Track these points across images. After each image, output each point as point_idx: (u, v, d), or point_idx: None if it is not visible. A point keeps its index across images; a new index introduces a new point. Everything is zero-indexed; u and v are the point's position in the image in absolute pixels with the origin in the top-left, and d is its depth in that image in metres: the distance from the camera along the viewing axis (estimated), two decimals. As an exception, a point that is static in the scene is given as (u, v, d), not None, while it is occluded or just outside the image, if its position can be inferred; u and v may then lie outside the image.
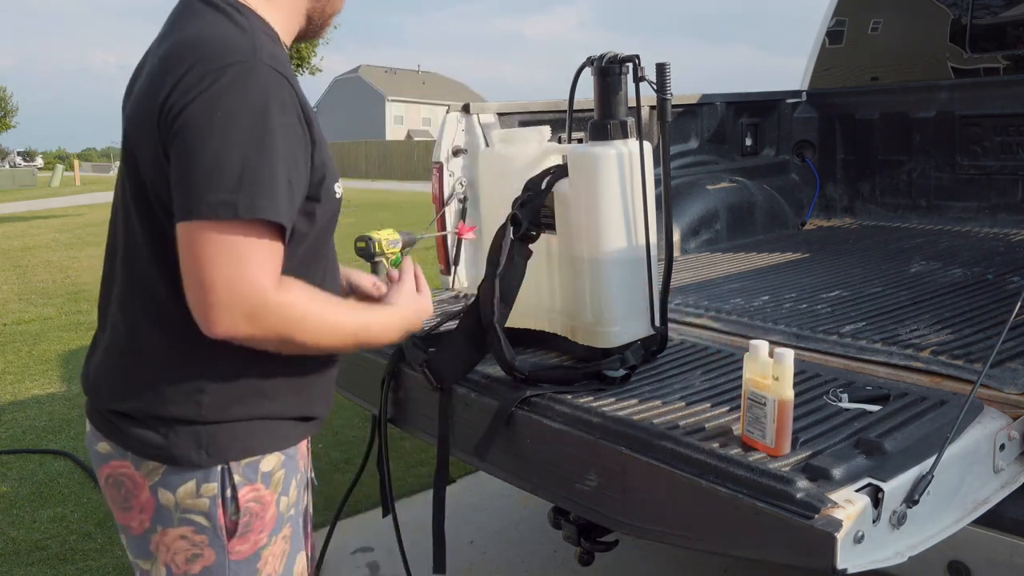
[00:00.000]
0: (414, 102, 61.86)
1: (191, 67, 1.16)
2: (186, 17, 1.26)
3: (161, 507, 1.27)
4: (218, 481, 1.26)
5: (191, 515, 1.27)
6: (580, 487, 1.54)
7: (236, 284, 1.12)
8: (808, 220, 3.94)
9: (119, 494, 1.30)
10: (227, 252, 1.12)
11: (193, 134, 1.13)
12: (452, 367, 1.80)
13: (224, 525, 1.27)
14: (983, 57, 3.64)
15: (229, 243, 1.12)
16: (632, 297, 1.86)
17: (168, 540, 1.28)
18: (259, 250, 1.14)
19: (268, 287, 1.14)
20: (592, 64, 1.88)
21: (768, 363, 1.33)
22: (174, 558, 1.29)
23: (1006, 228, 3.43)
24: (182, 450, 1.24)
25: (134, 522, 1.30)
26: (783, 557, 1.23)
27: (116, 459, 1.29)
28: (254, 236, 1.13)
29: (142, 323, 1.27)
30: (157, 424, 1.25)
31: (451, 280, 2.81)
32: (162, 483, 1.26)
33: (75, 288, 8.51)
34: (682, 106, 3.58)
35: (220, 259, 1.11)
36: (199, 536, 1.27)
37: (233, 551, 1.29)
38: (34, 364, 5.67)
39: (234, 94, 1.14)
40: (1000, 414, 1.53)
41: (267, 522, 1.32)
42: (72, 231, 14.12)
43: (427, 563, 1.89)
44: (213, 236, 1.11)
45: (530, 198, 1.80)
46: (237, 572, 1.30)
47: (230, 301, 1.12)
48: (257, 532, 1.31)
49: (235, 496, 1.27)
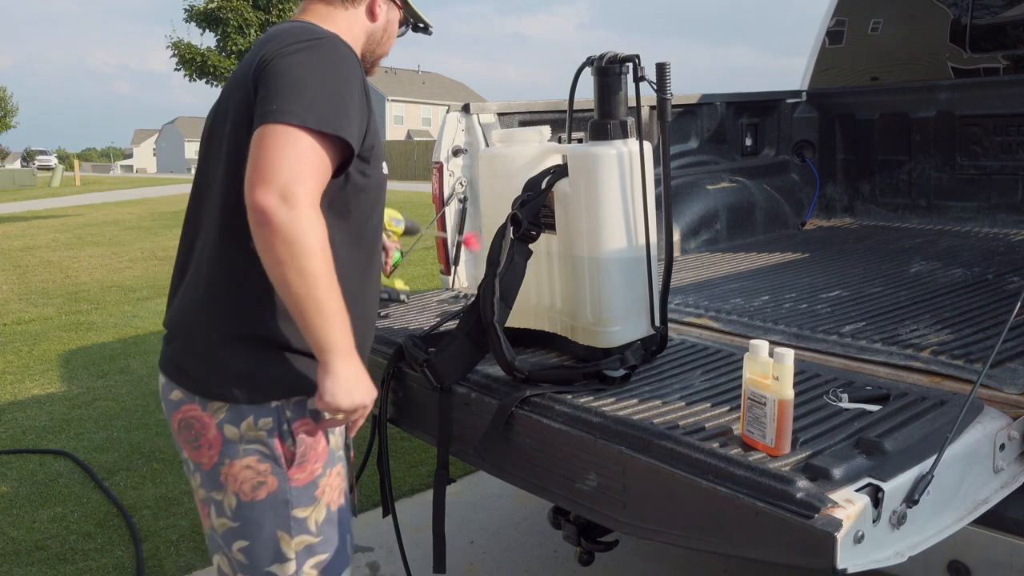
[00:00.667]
0: (414, 102, 61.83)
1: (285, 37, 1.42)
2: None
3: (227, 441, 1.46)
4: (273, 416, 1.45)
5: (254, 445, 1.46)
6: (580, 487, 1.54)
7: (289, 170, 1.29)
8: (808, 220, 3.94)
9: (190, 434, 1.49)
10: (292, 149, 1.31)
11: (281, 66, 1.36)
12: (452, 367, 1.80)
13: (283, 454, 1.47)
14: (983, 57, 3.64)
15: (296, 144, 1.31)
16: (632, 297, 1.86)
17: (235, 471, 1.47)
18: (316, 157, 1.33)
19: (309, 187, 1.32)
20: (592, 64, 1.88)
21: (768, 363, 1.33)
22: (242, 487, 1.47)
23: (1006, 228, 3.43)
24: (242, 389, 1.44)
25: (204, 458, 1.49)
26: (783, 557, 1.23)
27: (186, 403, 1.49)
28: (318, 146, 1.33)
29: (211, 269, 1.47)
30: (219, 366, 1.45)
31: (451, 280, 2.81)
32: (226, 420, 1.46)
33: (75, 288, 8.51)
34: (682, 106, 3.58)
35: (285, 151, 1.30)
36: (262, 465, 1.46)
37: (293, 478, 1.48)
38: (34, 364, 5.67)
39: (322, 52, 1.40)
40: (1000, 414, 1.53)
41: (320, 453, 1.51)
42: (72, 231, 14.12)
43: (427, 563, 1.89)
44: (285, 136, 1.31)
45: (530, 198, 1.80)
46: (298, 496, 1.49)
47: (279, 177, 1.28)
48: (312, 462, 1.50)
49: (290, 429, 1.47)
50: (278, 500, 1.47)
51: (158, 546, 3.09)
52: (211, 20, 16.37)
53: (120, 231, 14.05)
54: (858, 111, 3.88)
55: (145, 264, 10.11)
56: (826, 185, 4.02)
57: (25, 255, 11.09)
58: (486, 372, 1.82)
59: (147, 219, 16.31)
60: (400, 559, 2.06)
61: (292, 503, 1.48)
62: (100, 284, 8.74)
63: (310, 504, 1.51)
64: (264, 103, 1.34)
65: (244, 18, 16.31)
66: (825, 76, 4.09)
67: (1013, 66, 3.57)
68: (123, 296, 8.02)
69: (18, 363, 5.71)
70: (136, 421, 4.44)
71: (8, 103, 40.48)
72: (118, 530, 3.23)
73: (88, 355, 5.86)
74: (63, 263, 10.27)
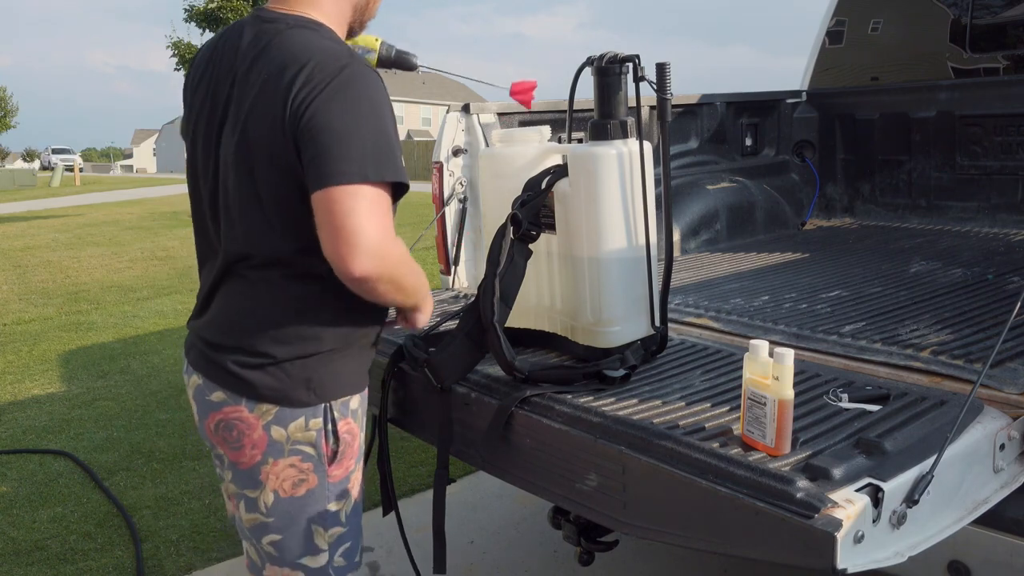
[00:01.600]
0: (414, 102, 61.80)
1: (309, 71, 1.41)
2: (271, 33, 1.50)
3: (273, 442, 1.53)
4: (323, 416, 1.54)
5: (300, 446, 1.54)
6: (580, 487, 1.54)
7: (371, 232, 1.36)
8: (808, 220, 3.93)
9: (231, 435, 1.55)
10: (363, 205, 1.36)
11: (323, 121, 1.38)
12: (452, 367, 1.80)
13: (326, 453, 1.55)
14: (983, 57, 3.64)
15: (364, 199, 1.36)
16: (632, 297, 1.86)
17: (278, 469, 1.54)
18: (384, 206, 1.40)
19: (391, 234, 1.41)
20: (592, 64, 1.88)
21: (768, 363, 1.33)
22: (282, 484, 1.55)
23: (1006, 228, 3.43)
24: (296, 392, 1.51)
25: (244, 457, 1.55)
26: (783, 557, 1.23)
27: (229, 405, 1.54)
28: (382, 195, 1.40)
29: (262, 277, 1.51)
30: (274, 370, 1.50)
31: (451, 280, 2.81)
32: (275, 421, 1.52)
33: (75, 288, 8.51)
34: (682, 106, 3.58)
35: (358, 211, 1.36)
36: (305, 464, 1.54)
37: (331, 475, 1.58)
38: (34, 364, 5.67)
39: (355, 88, 1.42)
40: (1000, 414, 1.53)
41: (355, 450, 1.62)
42: (72, 231, 14.12)
43: (427, 563, 1.89)
44: (351, 196, 1.36)
45: (530, 198, 1.80)
46: (335, 491, 1.58)
47: (366, 246, 1.35)
48: (348, 459, 1.60)
49: (335, 429, 1.56)
50: (317, 496, 1.56)
51: (158, 546, 3.09)
52: (211, 20, 16.36)
53: (120, 231, 14.05)
54: (858, 111, 3.88)
55: (145, 264, 10.11)
56: (826, 185, 4.02)
57: (25, 255, 11.09)
58: (486, 372, 1.82)
59: (147, 219, 16.31)
60: (400, 559, 2.06)
61: (329, 498, 1.58)
62: (100, 284, 8.74)
63: (344, 498, 1.60)
64: (318, 164, 1.38)
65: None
66: (825, 76, 4.09)
67: (1013, 66, 3.56)
68: (123, 296, 8.02)
69: (18, 363, 5.71)
70: (136, 421, 4.44)
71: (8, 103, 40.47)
72: (118, 530, 3.23)
73: (88, 355, 5.86)
74: (63, 263, 10.27)
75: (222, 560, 2.99)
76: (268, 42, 1.48)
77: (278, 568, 1.60)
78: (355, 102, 1.40)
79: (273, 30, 1.49)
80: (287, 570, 1.60)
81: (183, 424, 4.37)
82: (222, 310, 1.56)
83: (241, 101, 1.47)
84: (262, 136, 1.43)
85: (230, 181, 1.50)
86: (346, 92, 1.40)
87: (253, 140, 1.45)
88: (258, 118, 1.44)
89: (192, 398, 1.62)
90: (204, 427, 1.60)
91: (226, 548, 3.07)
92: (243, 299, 1.54)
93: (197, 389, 1.59)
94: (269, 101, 1.42)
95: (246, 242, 1.50)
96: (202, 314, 1.61)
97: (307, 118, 1.38)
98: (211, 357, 1.56)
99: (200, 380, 1.58)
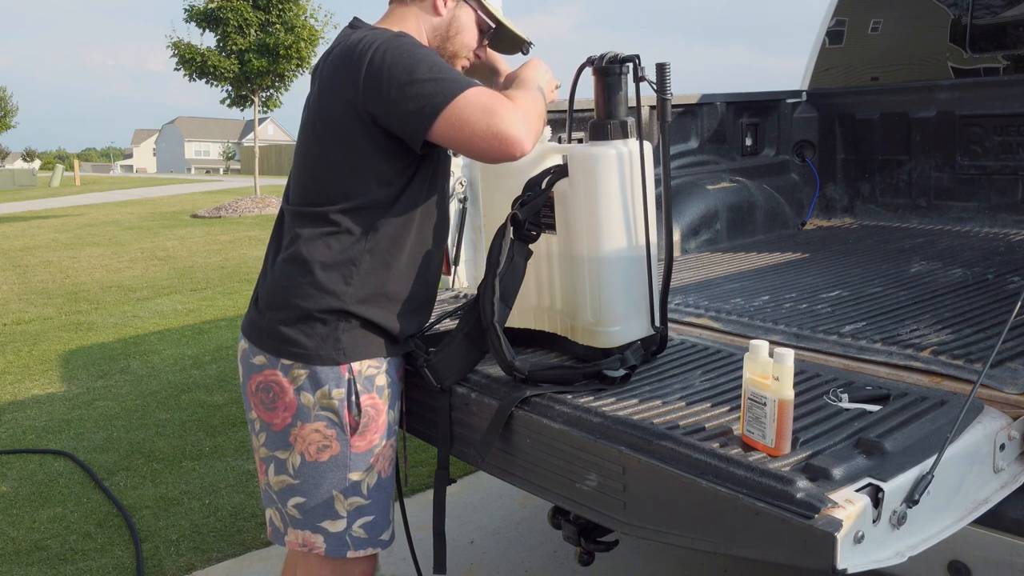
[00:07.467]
0: (414, 102, 61.59)
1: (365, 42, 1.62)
2: (348, 34, 1.73)
3: (302, 406, 1.67)
4: (345, 387, 1.66)
5: (325, 412, 1.66)
6: (580, 487, 1.54)
7: (498, 120, 1.54)
8: (808, 220, 3.93)
9: (268, 396, 1.70)
10: (473, 113, 1.54)
11: (385, 71, 1.56)
12: (452, 367, 1.79)
13: (349, 423, 1.67)
14: (983, 57, 3.64)
15: (467, 111, 1.54)
16: (632, 297, 1.86)
17: (305, 433, 1.67)
18: (481, 97, 1.56)
19: (507, 104, 1.57)
20: (592, 64, 1.88)
21: (768, 363, 1.33)
22: (308, 448, 1.68)
23: (1006, 228, 3.43)
24: (325, 349, 1.64)
25: (277, 419, 1.69)
26: (783, 557, 1.23)
27: (268, 368, 1.69)
28: (470, 97, 1.55)
29: (308, 236, 1.66)
30: (304, 326, 1.64)
31: (451, 280, 2.81)
32: (304, 387, 1.66)
33: (75, 288, 8.51)
34: (682, 106, 3.58)
35: (475, 121, 1.54)
36: (329, 430, 1.67)
37: (354, 445, 1.69)
38: (34, 364, 5.67)
39: (396, 43, 1.61)
40: (1000, 414, 1.53)
41: (380, 426, 1.72)
42: (72, 231, 14.12)
43: (427, 563, 1.89)
44: (455, 117, 1.54)
45: (530, 198, 1.80)
46: (356, 461, 1.70)
47: (505, 133, 1.54)
48: (372, 433, 1.71)
49: (358, 401, 1.68)
50: (339, 463, 1.68)
51: (158, 546, 3.09)
52: (211, 20, 16.37)
53: (120, 231, 14.05)
54: (858, 111, 3.88)
55: (145, 264, 10.11)
56: (826, 185, 4.02)
57: (25, 255, 11.10)
58: (486, 372, 1.82)
59: (147, 219, 16.31)
60: (400, 559, 2.06)
61: (350, 467, 1.69)
62: (100, 284, 8.74)
63: (365, 470, 1.71)
64: (404, 111, 1.57)
65: (244, 18, 16.31)
66: (825, 76, 4.09)
67: (1013, 66, 3.57)
68: (123, 296, 8.03)
69: (18, 363, 5.71)
70: (136, 421, 4.44)
71: (8, 103, 40.48)
72: (118, 530, 3.23)
73: (88, 355, 5.86)
74: (63, 263, 10.27)
75: (222, 560, 2.99)
76: (345, 38, 1.70)
77: (299, 531, 1.72)
78: (400, 50, 1.59)
79: (351, 32, 1.71)
80: (308, 532, 1.71)
81: (183, 424, 4.37)
82: (271, 276, 1.73)
83: (318, 80, 1.71)
84: (326, 104, 1.65)
85: (300, 145, 1.73)
86: (388, 52, 1.59)
87: (319, 106, 1.67)
88: (326, 85, 1.66)
89: (239, 361, 1.78)
90: (246, 388, 1.75)
91: (226, 548, 3.07)
92: (287, 263, 1.69)
93: (243, 353, 1.76)
94: (337, 67, 1.64)
95: (302, 198, 1.69)
96: (263, 278, 1.79)
97: (369, 76, 1.57)
98: (256, 321, 1.73)
99: (246, 344, 1.75)
